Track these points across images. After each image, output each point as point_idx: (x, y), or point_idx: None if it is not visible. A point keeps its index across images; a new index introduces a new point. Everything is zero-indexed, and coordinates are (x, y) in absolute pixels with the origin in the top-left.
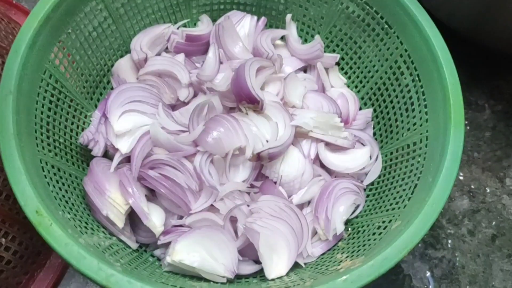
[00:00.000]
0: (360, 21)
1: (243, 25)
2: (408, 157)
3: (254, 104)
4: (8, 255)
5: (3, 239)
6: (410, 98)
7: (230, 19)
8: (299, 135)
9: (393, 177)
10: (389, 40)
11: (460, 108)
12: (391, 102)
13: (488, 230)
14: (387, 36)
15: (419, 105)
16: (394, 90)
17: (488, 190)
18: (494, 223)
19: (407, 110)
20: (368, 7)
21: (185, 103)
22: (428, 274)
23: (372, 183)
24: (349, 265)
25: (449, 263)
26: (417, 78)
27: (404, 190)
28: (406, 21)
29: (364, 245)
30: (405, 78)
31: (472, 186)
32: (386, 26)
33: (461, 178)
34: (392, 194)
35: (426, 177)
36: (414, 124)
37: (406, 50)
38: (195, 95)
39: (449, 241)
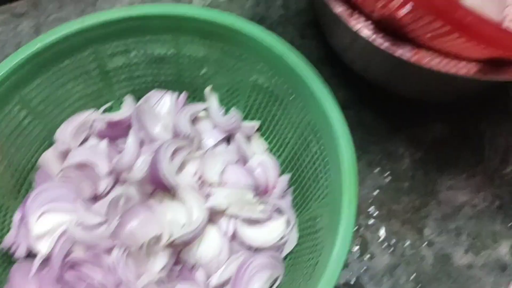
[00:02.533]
0: (270, 92)
1: (164, 103)
2: (315, 229)
3: (168, 191)
4: None
5: None
6: (317, 167)
7: (148, 101)
8: (216, 213)
9: (303, 249)
10: (296, 110)
11: (354, 184)
12: (304, 170)
13: (407, 285)
14: (294, 106)
15: (324, 174)
16: (306, 158)
17: (407, 243)
18: (413, 276)
19: (315, 179)
20: (275, 79)
21: (107, 193)
22: None
23: (291, 252)
24: None
25: None
26: (322, 147)
27: (310, 265)
28: (307, 93)
29: None
30: (313, 146)
31: (393, 241)
32: (293, 96)
33: (381, 235)
34: (302, 269)
35: (325, 254)
36: (320, 195)
37: (311, 120)
38: (118, 182)
39: None
